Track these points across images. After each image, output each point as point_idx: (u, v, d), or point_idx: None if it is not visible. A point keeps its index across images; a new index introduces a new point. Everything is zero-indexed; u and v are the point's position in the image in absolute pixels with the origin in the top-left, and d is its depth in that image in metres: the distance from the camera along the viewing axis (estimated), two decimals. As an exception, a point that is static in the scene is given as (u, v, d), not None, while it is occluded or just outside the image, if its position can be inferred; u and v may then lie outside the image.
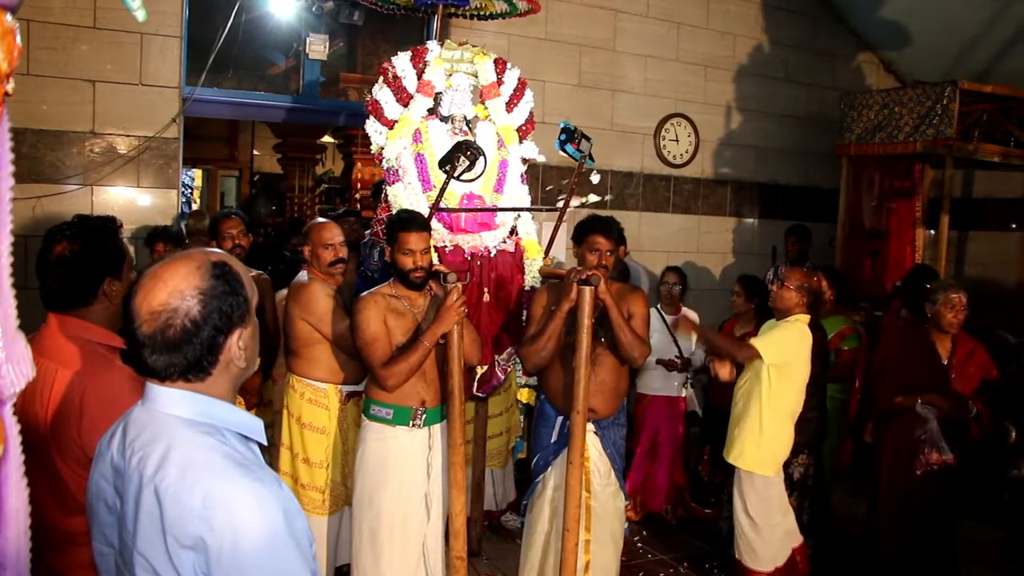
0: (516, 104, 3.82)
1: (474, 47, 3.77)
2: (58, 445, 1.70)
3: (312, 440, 3.34)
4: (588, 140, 3.59)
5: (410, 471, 2.99)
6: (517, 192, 3.76)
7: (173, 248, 3.94)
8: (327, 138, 10.69)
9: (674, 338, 4.56)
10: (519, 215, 3.70)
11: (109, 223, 1.98)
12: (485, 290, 3.43)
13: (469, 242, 3.46)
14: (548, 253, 3.81)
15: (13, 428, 1.09)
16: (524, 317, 3.45)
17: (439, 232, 3.41)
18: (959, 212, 6.44)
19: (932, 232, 6.48)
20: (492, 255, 3.47)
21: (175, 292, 1.19)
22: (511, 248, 3.57)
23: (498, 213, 3.61)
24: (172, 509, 1.11)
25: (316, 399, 3.35)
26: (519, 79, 3.83)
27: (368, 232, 3.69)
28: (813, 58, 6.94)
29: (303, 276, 3.40)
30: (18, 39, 1.01)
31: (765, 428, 3.47)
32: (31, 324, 1.35)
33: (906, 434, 3.69)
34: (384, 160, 3.57)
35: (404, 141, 3.55)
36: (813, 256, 5.84)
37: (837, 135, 6.24)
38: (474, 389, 3.46)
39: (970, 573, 3.93)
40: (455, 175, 3.32)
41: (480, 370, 3.44)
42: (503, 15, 4.23)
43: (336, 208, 8.97)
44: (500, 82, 3.78)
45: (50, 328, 1.81)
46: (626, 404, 3.39)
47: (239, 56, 5.19)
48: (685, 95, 6.37)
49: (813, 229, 5.96)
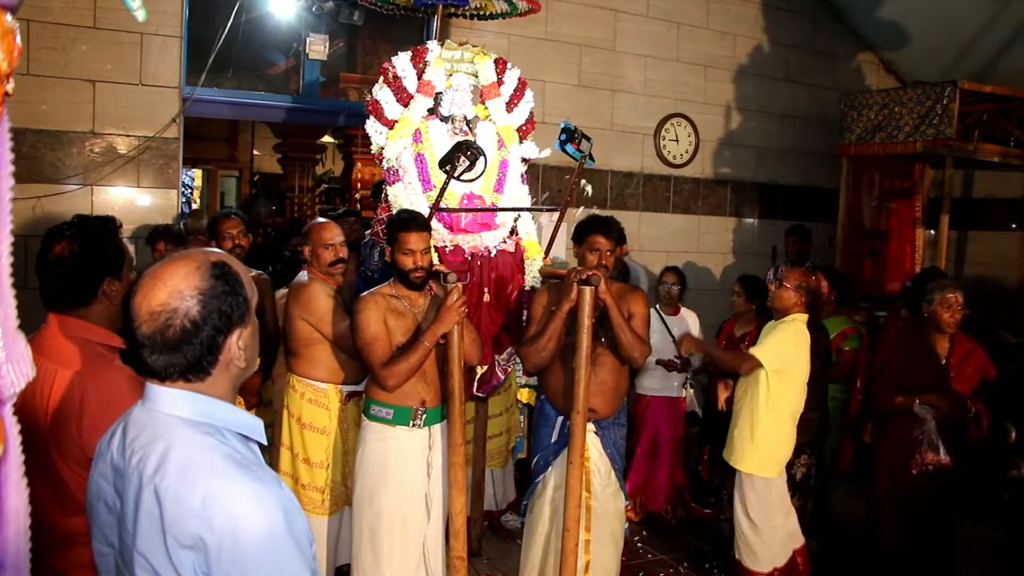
0: (516, 104, 3.82)
1: (474, 47, 3.77)
2: (58, 445, 1.70)
3: (312, 440, 3.34)
4: (588, 140, 3.59)
5: (410, 471, 2.99)
6: (517, 192, 3.76)
7: (174, 247, 3.93)
8: (327, 138, 10.68)
9: (673, 338, 4.55)
10: (519, 215, 3.70)
11: (109, 223, 1.98)
12: (485, 290, 3.43)
13: (469, 242, 3.46)
14: (548, 253, 3.81)
15: (13, 428, 1.09)
16: (524, 317, 3.45)
17: (439, 232, 3.41)
18: (959, 212, 6.44)
19: (932, 232, 6.48)
20: (492, 255, 3.47)
21: (175, 292, 1.19)
22: (511, 248, 3.57)
23: (498, 213, 3.61)
24: (172, 509, 1.11)
25: (316, 399, 3.35)
26: (519, 79, 3.83)
27: (368, 232, 3.69)
28: (813, 58, 6.94)
29: (303, 276, 3.40)
30: (18, 39, 1.01)
31: (764, 430, 3.47)
32: (31, 324, 1.35)
33: (904, 434, 3.69)
34: (384, 160, 3.57)
35: (404, 141, 3.55)
36: (813, 256, 5.83)
37: (837, 135, 6.23)
38: (474, 389, 3.46)
39: (970, 573, 3.93)
40: (455, 175, 3.32)
41: (480, 370, 3.44)
42: (503, 15, 4.23)
43: (336, 208, 8.97)
44: (500, 82, 3.78)
45: (50, 328, 1.81)
46: (626, 404, 3.39)
47: (239, 56, 5.18)
48: (685, 95, 6.37)
49: (813, 229, 5.96)
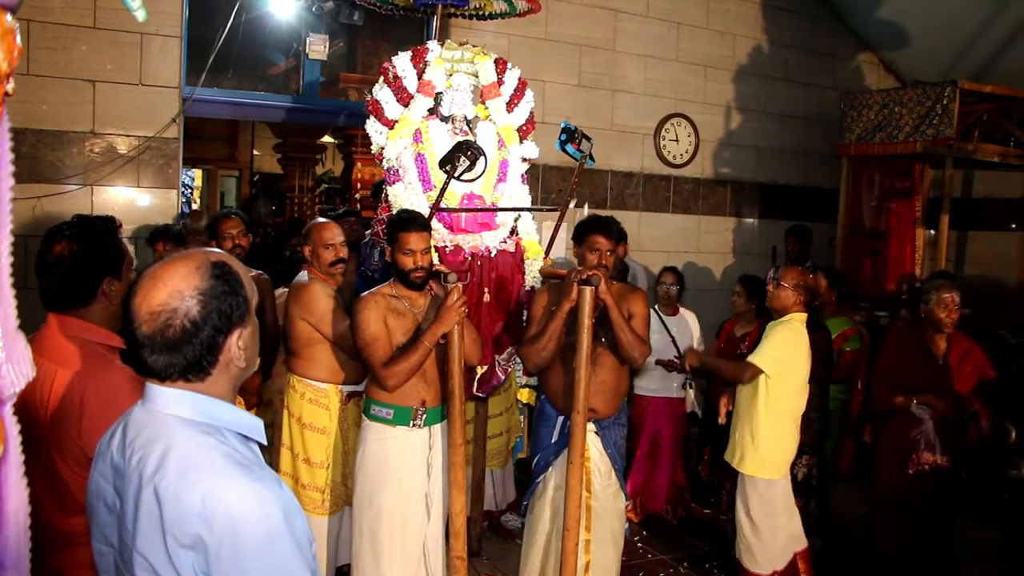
0: (516, 104, 3.82)
1: (474, 47, 3.76)
2: (58, 445, 1.70)
3: (312, 440, 3.34)
4: (588, 140, 3.59)
5: (410, 471, 2.99)
6: (517, 192, 3.76)
7: (174, 247, 3.93)
8: (327, 138, 10.69)
9: (673, 339, 4.55)
10: (519, 215, 3.70)
11: (108, 223, 1.98)
12: (485, 290, 3.43)
13: (469, 242, 3.46)
14: (548, 253, 3.81)
15: (13, 428, 1.09)
16: (524, 317, 3.45)
17: (439, 232, 3.40)
18: (959, 212, 6.44)
19: (932, 232, 6.49)
20: (492, 255, 3.47)
21: (175, 292, 1.19)
22: (511, 248, 3.57)
23: (498, 213, 3.61)
24: (172, 508, 1.11)
25: (316, 399, 3.35)
26: (519, 79, 3.83)
27: (368, 232, 3.69)
28: (813, 58, 6.94)
29: (303, 276, 3.40)
30: (18, 39, 1.01)
31: (765, 431, 3.46)
32: (31, 324, 1.35)
33: (903, 434, 3.69)
34: (384, 160, 3.56)
35: (404, 141, 3.55)
36: (813, 256, 5.83)
37: (837, 135, 6.24)
38: (474, 389, 3.46)
39: (970, 573, 3.93)
40: (455, 175, 3.32)
41: (480, 370, 3.44)
42: (502, 15, 4.23)
43: (336, 208, 8.97)
44: (500, 82, 3.78)
45: (50, 328, 1.81)
46: (626, 404, 3.39)
47: (239, 56, 5.18)
48: (685, 95, 6.37)
49: (813, 229, 5.95)
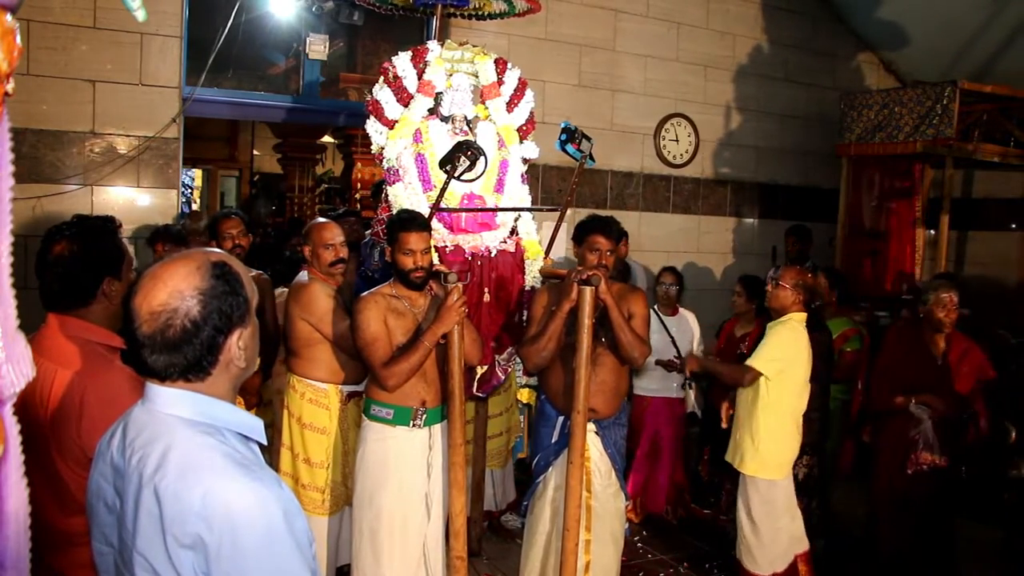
0: (517, 104, 3.82)
1: (474, 47, 3.77)
2: (58, 445, 1.70)
3: (313, 440, 3.34)
4: (589, 140, 3.59)
5: (410, 471, 2.99)
6: (517, 192, 3.76)
7: (174, 248, 3.93)
8: (327, 138, 10.69)
9: (672, 339, 4.55)
10: (519, 215, 3.70)
11: (108, 223, 1.98)
12: (486, 290, 3.43)
13: (470, 242, 3.46)
14: (548, 253, 3.81)
15: (13, 428, 1.09)
16: (524, 317, 3.45)
17: (439, 232, 3.41)
18: (959, 212, 6.44)
19: (932, 232, 6.49)
20: (492, 255, 3.47)
21: (175, 292, 1.19)
22: (511, 248, 3.57)
23: (498, 213, 3.61)
24: (172, 508, 1.11)
25: (317, 399, 3.35)
26: (519, 79, 3.83)
27: (368, 232, 3.69)
28: (813, 58, 6.94)
29: (303, 276, 3.40)
30: (18, 39, 1.01)
31: (766, 431, 3.45)
32: (31, 324, 1.35)
33: (901, 434, 3.69)
34: (384, 160, 3.56)
35: (404, 141, 3.55)
36: (813, 256, 5.83)
37: (837, 135, 6.24)
38: (474, 389, 3.46)
39: (970, 573, 3.93)
40: (455, 175, 3.32)
41: (480, 370, 3.44)
42: (501, 15, 4.23)
43: (336, 208, 8.97)
44: (500, 82, 3.78)
45: (50, 328, 1.81)
46: (627, 404, 3.39)
47: (239, 56, 5.18)
48: (685, 95, 6.37)
49: (813, 229, 5.95)
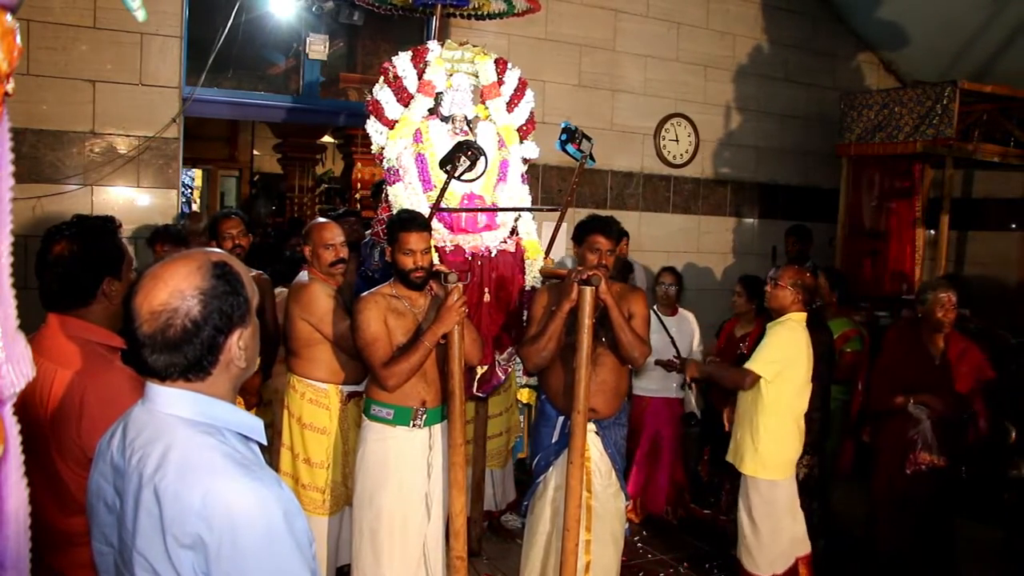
0: (517, 104, 3.82)
1: (474, 47, 3.76)
2: (58, 445, 1.70)
3: (313, 440, 3.34)
4: (589, 140, 3.59)
5: (410, 471, 2.99)
6: (517, 192, 3.76)
7: (174, 248, 3.93)
8: (327, 138, 10.69)
9: (672, 339, 4.55)
10: (519, 215, 3.70)
11: (108, 223, 1.98)
12: (486, 290, 3.43)
13: (470, 242, 3.46)
14: (549, 253, 3.81)
15: (13, 428, 1.09)
16: (524, 317, 3.45)
17: (440, 232, 3.40)
18: (959, 212, 6.43)
19: (932, 232, 6.49)
20: (493, 255, 3.47)
21: (175, 292, 1.19)
22: (512, 248, 3.57)
23: (498, 213, 3.61)
24: (171, 508, 1.11)
25: (317, 399, 3.35)
26: (520, 79, 3.83)
27: (368, 232, 3.69)
28: (813, 58, 6.94)
29: (303, 276, 3.40)
30: (18, 39, 1.01)
31: (765, 432, 3.45)
32: (31, 324, 1.35)
33: (901, 434, 3.69)
34: (384, 160, 3.56)
35: (405, 141, 3.55)
36: (813, 256, 5.83)
37: (837, 135, 6.23)
38: (474, 389, 3.46)
39: (970, 573, 3.93)
40: (456, 175, 3.32)
41: (480, 370, 3.44)
42: (501, 15, 4.22)
43: (336, 208, 8.97)
44: (501, 82, 3.78)
45: (50, 328, 1.81)
46: (627, 404, 3.39)
47: (239, 56, 5.18)
48: (685, 95, 6.37)
49: (813, 229, 5.95)
